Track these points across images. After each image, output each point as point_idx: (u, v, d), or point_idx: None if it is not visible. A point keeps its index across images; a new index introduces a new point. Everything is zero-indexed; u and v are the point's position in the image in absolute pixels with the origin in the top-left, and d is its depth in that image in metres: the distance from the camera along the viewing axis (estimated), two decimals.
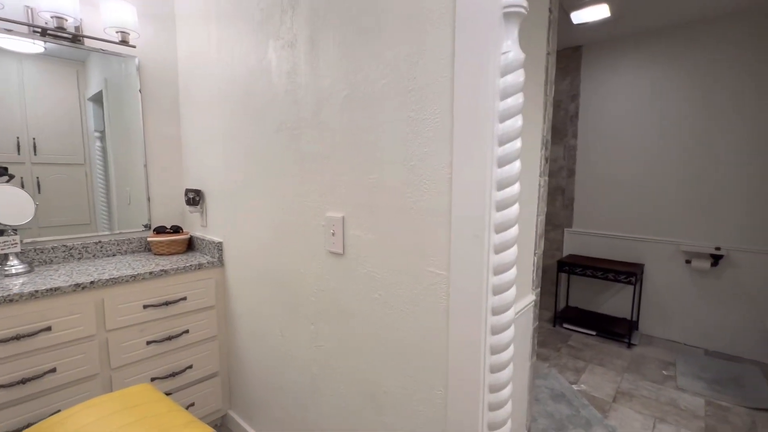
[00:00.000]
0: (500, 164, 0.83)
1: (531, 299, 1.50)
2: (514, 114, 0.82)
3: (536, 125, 1.41)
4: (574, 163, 3.29)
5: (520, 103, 0.81)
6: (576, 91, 3.23)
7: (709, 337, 2.77)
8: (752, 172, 2.54)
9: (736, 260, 2.63)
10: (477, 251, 0.84)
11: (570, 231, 3.36)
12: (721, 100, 2.62)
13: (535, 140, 1.40)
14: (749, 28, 2.48)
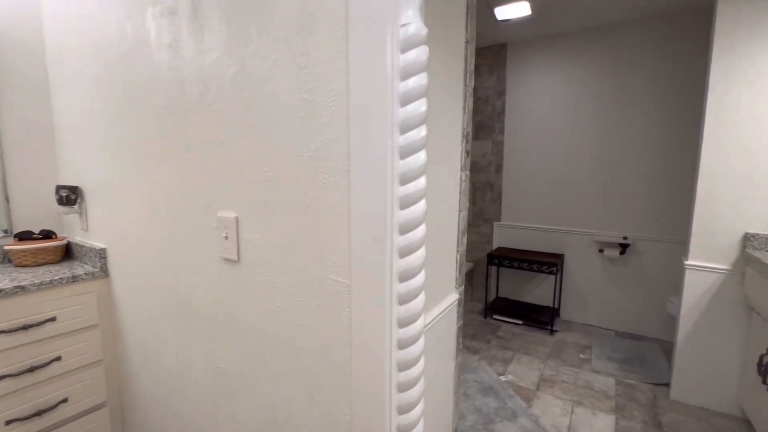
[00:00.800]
0: (403, 155, 0.72)
1: (454, 298, 1.45)
2: (418, 96, 0.71)
3: (455, 117, 1.34)
4: (502, 158, 3.38)
5: (424, 85, 0.71)
6: (502, 88, 3.31)
7: (619, 319, 3.01)
8: (650, 169, 2.78)
9: (640, 248, 2.87)
10: (378, 256, 0.73)
11: (499, 224, 3.46)
12: (625, 101, 2.83)
13: (454, 132, 1.34)
14: (650, 34, 2.70)
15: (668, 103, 2.69)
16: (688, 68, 2.60)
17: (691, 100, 2.61)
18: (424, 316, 0.81)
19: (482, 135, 3.46)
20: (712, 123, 1.92)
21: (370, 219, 0.73)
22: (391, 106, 0.69)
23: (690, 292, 2.04)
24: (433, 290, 1.27)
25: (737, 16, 1.82)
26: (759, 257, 1.73)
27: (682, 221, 2.72)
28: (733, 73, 1.85)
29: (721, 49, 1.87)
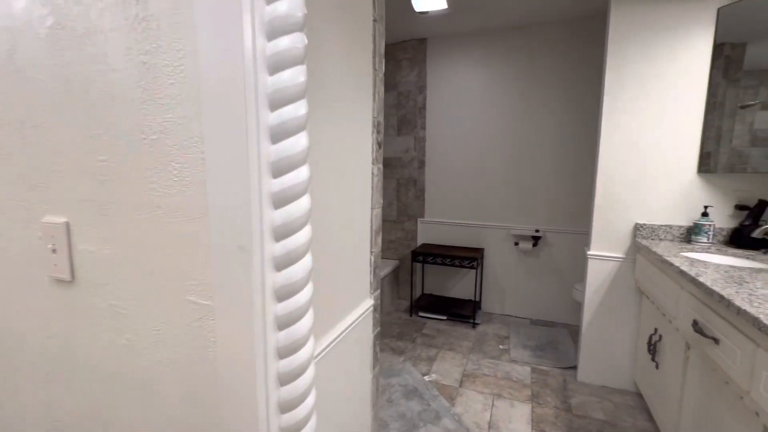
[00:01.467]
0: (275, 138, 0.56)
1: (369, 305, 1.32)
2: (293, 63, 0.55)
3: (363, 104, 1.21)
4: (424, 154, 3.37)
5: (301, 48, 0.55)
6: (423, 83, 3.29)
7: (533, 308, 3.18)
8: (558, 165, 2.97)
9: (550, 240, 3.06)
10: (243, 270, 0.56)
11: (422, 221, 3.45)
12: (536, 101, 2.98)
13: (362, 122, 1.20)
14: (555, 37, 2.86)
15: (574, 103, 2.89)
16: (590, 71, 2.80)
17: (594, 101, 2.82)
18: (314, 339, 0.65)
19: (405, 130, 3.41)
20: (607, 123, 2.06)
21: (232, 222, 0.56)
22: (254, 73, 0.52)
23: (592, 279, 2.19)
24: (342, 300, 1.13)
25: (627, 22, 1.96)
26: (647, 245, 1.89)
27: (586, 214, 2.94)
28: (624, 76, 2.00)
29: (614, 54, 2.01)
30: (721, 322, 1.14)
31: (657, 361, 1.75)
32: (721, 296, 1.12)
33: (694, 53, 1.88)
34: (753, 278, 1.29)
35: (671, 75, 1.92)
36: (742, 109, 1.84)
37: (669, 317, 1.59)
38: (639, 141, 2.01)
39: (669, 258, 1.61)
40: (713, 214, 1.91)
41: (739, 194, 1.87)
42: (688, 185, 1.95)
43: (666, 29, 1.90)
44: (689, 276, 1.34)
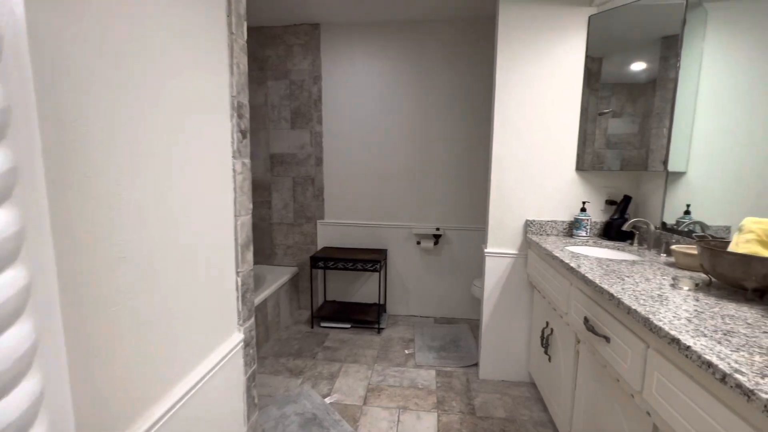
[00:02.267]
0: None
1: (237, 340, 1.02)
2: None
3: (214, 77, 0.90)
4: (321, 150, 3.11)
5: None
6: (318, 73, 3.02)
7: (437, 306, 3.18)
8: (456, 163, 2.99)
9: (450, 237, 3.08)
10: None
11: (322, 223, 3.19)
12: (434, 98, 2.95)
13: (215, 101, 0.90)
14: (451, 34, 2.86)
15: (470, 102, 2.93)
16: (483, 71, 2.86)
17: (488, 100, 2.89)
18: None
19: (300, 124, 3.10)
20: (498, 123, 2.07)
21: None
22: None
23: (490, 276, 2.20)
24: (192, 341, 0.81)
25: (515, 25, 1.98)
26: (536, 241, 1.95)
27: (483, 211, 3.02)
28: (513, 78, 2.02)
29: (503, 55, 2.02)
30: (612, 321, 1.14)
31: (549, 354, 1.80)
32: (611, 294, 1.11)
33: (572, 59, 1.98)
34: (631, 272, 1.34)
35: (554, 77, 2.00)
36: (600, 116, 2.00)
37: (560, 312, 1.62)
38: (527, 141, 2.06)
39: (556, 253, 1.64)
40: (589, 209, 2.05)
41: (609, 190, 2.04)
42: (569, 183, 2.06)
43: (549, 31, 1.97)
44: (579, 273, 1.35)
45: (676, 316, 0.93)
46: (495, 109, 2.06)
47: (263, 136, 3.15)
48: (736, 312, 0.97)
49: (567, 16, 1.95)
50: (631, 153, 1.90)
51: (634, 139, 1.90)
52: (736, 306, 1.01)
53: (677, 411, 0.83)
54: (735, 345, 0.78)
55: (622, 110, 1.96)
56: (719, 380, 0.70)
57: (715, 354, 0.74)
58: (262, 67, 3.07)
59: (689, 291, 1.13)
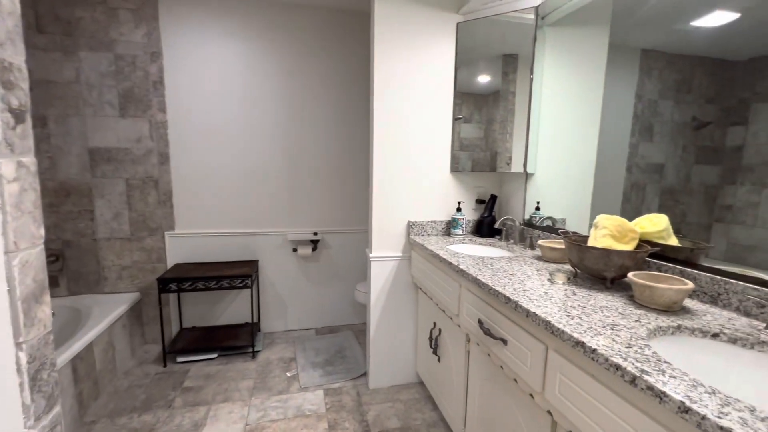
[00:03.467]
0: None
1: None
2: None
3: None
4: (167, 145, 2.51)
5: None
6: (157, 48, 2.41)
7: (318, 316, 2.96)
8: (335, 163, 2.82)
9: (329, 242, 2.90)
10: None
11: (173, 234, 2.59)
12: (308, 90, 2.70)
13: None
14: (340, 26, 2.66)
15: (350, 96, 2.78)
16: (365, 65, 2.75)
17: (368, 96, 2.79)
18: None
19: (133, 111, 2.43)
20: (378, 124, 1.98)
21: None
22: None
23: (376, 281, 2.11)
24: None
25: (391, 23, 1.91)
26: (420, 242, 1.94)
27: (363, 211, 2.93)
28: (391, 78, 1.96)
29: (380, 53, 1.93)
30: (509, 323, 1.15)
31: (438, 355, 1.81)
32: (507, 297, 1.12)
33: (445, 64, 2.03)
34: (512, 269, 1.41)
35: (431, 79, 2.02)
36: (455, 121, 2.13)
37: (449, 314, 1.63)
38: (407, 143, 2.03)
39: (442, 254, 1.64)
40: (464, 208, 2.15)
41: (479, 190, 2.19)
42: (446, 184, 2.13)
43: (424, 34, 1.97)
44: (471, 276, 1.35)
45: (568, 315, 0.97)
46: (374, 110, 1.97)
47: (76, 125, 2.36)
48: (606, 302, 1.07)
49: (438, 21, 1.98)
50: (479, 155, 2.08)
51: (481, 142, 2.09)
52: (603, 296, 1.12)
53: (582, 410, 0.85)
54: (625, 340, 0.83)
55: (472, 116, 2.12)
56: (629, 383, 0.71)
57: (619, 355, 0.76)
58: (70, 31, 2.29)
59: (564, 285, 1.23)
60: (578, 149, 1.67)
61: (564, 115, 1.77)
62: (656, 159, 1.30)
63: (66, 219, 2.42)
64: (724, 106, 1.09)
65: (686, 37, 1.20)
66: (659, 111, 1.30)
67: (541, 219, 1.88)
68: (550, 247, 1.53)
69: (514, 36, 1.93)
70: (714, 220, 1.12)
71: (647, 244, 1.24)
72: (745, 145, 1.03)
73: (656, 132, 1.30)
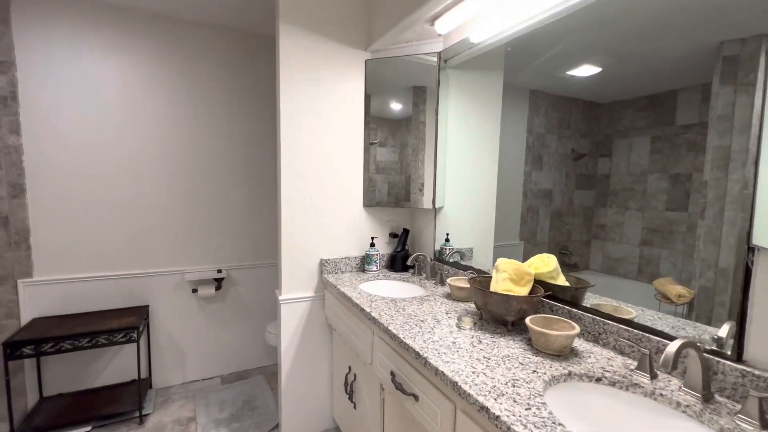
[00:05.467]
0: None
1: None
2: None
3: None
4: (23, 174, 2.06)
5: None
6: (8, 58, 1.98)
7: (223, 362, 2.67)
8: (240, 192, 2.60)
9: (236, 279, 2.65)
10: None
11: (29, 283, 2.11)
12: (208, 113, 2.47)
13: None
14: (244, 49, 2.48)
15: (254, 121, 2.59)
16: (271, 90, 2.60)
17: (274, 121, 2.64)
18: None
19: None
20: (285, 155, 1.87)
21: None
22: None
23: (287, 325, 1.96)
24: None
25: (297, 53, 1.84)
26: (333, 282, 1.86)
27: (273, 244, 2.74)
28: (299, 107, 1.87)
29: (286, 81, 1.84)
30: (420, 378, 1.12)
31: (354, 401, 1.73)
32: (417, 353, 1.09)
33: (355, 95, 2.02)
34: (423, 313, 1.41)
35: (339, 111, 1.98)
36: (371, 145, 2.15)
37: (364, 360, 1.57)
38: (316, 176, 1.95)
39: (356, 298, 1.59)
40: (377, 243, 2.14)
41: (391, 224, 2.19)
42: (358, 218, 2.09)
43: (333, 65, 1.93)
44: (382, 326, 1.31)
45: (474, 371, 0.97)
46: (280, 141, 1.86)
47: None
48: (508, 350, 1.11)
49: (346, 56, 1.97)
50: (394, 178, 2.12)
51: (396, 165, 2.14)
52: (505, 342, 1.17)
53: None
54: (524, 399, 0.85)
55: (386, 141, 2.15)
56: None
57: (519, 421, 0.77)
58: None
59: (471, 330, 1.25)
60: (482, 179, 1.77)
61: (468, 148, 1.87)
62: (546, 185, 1.45)
63: None
64: (595, 141, 1.26)
65: (564, 82, 1.37)
66: (546, 143, 1.45)
67: (450, 252, 1.94)
68: (458, 287, 1.57)
69: (421, 73, 2.00)
70: (592, 236, 1.27)
71: (541, 284, 1.34)
72: (611, 173, 1.20)
73: (545, 162, 1.45)
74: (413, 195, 2.10)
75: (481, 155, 1.79)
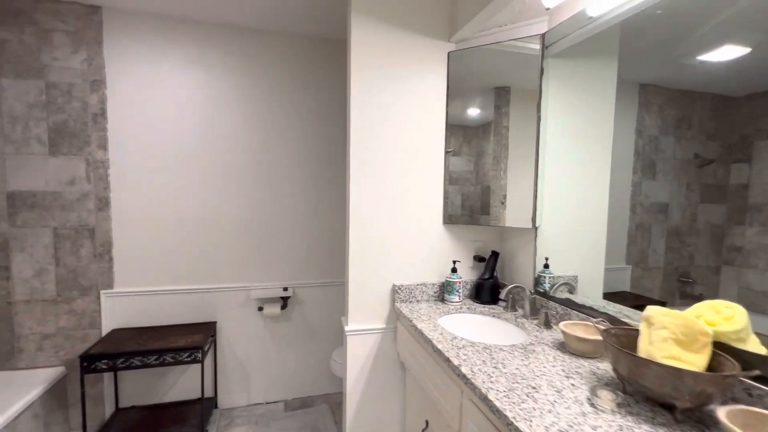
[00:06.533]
0: None
1: None
2: None
3: None
4: (108, 188, 2.12)
5: None
6: (100, 77, 2.06)
7: (288, 386, 2.51)
8: (310, 205, 2.46)
9: (302, 297, 2.49)
10: None
11: (110, 294, 2.15)
12: (283, 126, 2.37)
13: None
14: (317, 55, 2.38)
15: (328, 132, 2.46)
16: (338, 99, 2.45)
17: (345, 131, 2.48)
18: None
19: (66, 148, 2.05)
20: (356, 168, 1.64)
21: None
22: None
23: (353, 358, 1.70)
24: None
25: (371, 55, 1.61)
26: (407, 314, 1.56)
27: (343, 263, 2.55)
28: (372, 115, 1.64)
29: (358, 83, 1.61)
30: None
31: None
32: None
33: (435, 94, 1.73)
34: (533, 373, 1.04)
35: (418, 112, 1.71)
36: (446, 154, 1.83)
37: (447, 422, 1.23)
38: (390, 187, 1.69)
39: (436, 342, 1.27)
40: (460, 268, 1.79)
41: (477, 245, 1.84)
42: (438, 238, 1.77)
43: (410, 63, 1.67)
44: (477, 389, 0.97)
45: None
46: (350, 150, 1.64)
47: None
48: None
49: (426, 49, 1.69)
50: (468, 189, 1.81)
51: (470, 176, 1.82)
52: None
53: None
54: None
55: (461, 149, 1.84)
56: None
57: None
58: None
59: (614, 413, 0.86)
60: (588, 192, 1.42)
61: (572, 154, 1.49)
62: (660, 197, 1.19)
63: None
64: (726, 143, 1.02)
65: (689, 71, 1.08)
66: (661, 147, 1.18)
67: (554, 285, 1.53)
68: (577, 337, 1.16)
69: (512, 66, 1.66)
70: (723, 262, 1.02)
71: (722, 350, 0.89)
72: (751, 183, 0.96)
73: (659, 169, 1.19)
74: (493, 209, 1.75)
75: (589, 163, 1.43)
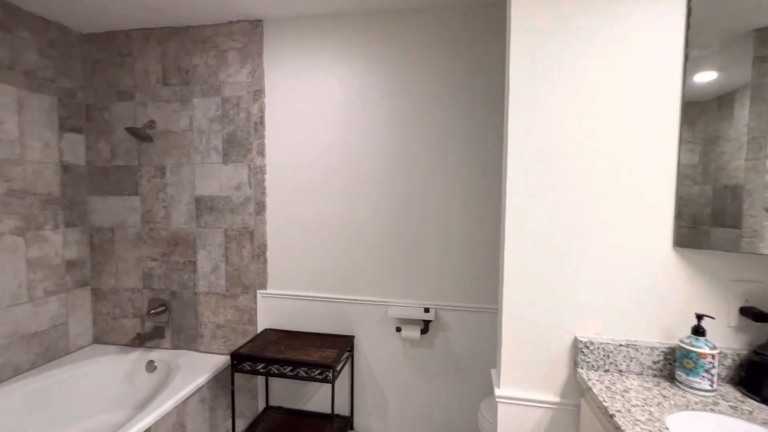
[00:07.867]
0: None
1: None
2: None
3: None
4: (264, 193, 2.21)
5: None
6: (259, 86, 2.17)
7: (427, 423, 2.13)
8: (461, 214, 2.03)
9: (446, 322, 2.07)
10: None
11: (265, 294, 2.24)
12: (430, 120, 2.03)
13: None
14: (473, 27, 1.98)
15: (480, 122, 2.00)
16: (500, 82, 1.96)
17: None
18: None
19: (235, 156, 2.23)
20: (516, 151, 1.12)
21: None
22: None
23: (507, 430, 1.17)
24: None
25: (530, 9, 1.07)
26: (597, 390, 0.94)
27: (497, 286, 2.02)
28: (541, 87, 1.09)
29: (519, 49, 1.09)
30: None
31: None
32: None
33: (664, 46, 1.04)
34: None
35: (626, 78, 1.06)
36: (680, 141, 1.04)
37: None
38: (576, 190, 1.09)
39: None
40: (710, 328, 1.03)
41: (747, 288, 1.03)
42: (661, 269, 1.06)
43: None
44: None
45: None
46: (508, 136, 1.12)
47: (187, 173, 2.28)
48: None
49: None
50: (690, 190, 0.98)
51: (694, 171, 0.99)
52: None
53: None
54: None
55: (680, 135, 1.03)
56: None
57: None
58: (188, 80, 2.25)
59: None
60: None
61: None
62: None
63: (173, 269, 2.34)
64: None
65: None
66: None
67: None
68: None
69: None
70: None
71: None
72: None
73: None
74: (750, 220, 0.91)
75: None
